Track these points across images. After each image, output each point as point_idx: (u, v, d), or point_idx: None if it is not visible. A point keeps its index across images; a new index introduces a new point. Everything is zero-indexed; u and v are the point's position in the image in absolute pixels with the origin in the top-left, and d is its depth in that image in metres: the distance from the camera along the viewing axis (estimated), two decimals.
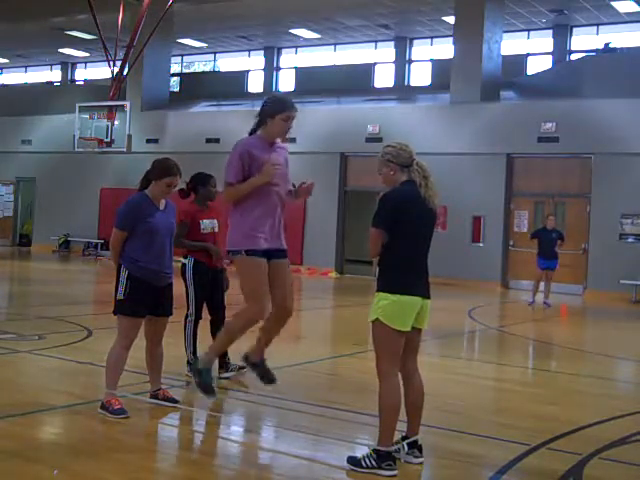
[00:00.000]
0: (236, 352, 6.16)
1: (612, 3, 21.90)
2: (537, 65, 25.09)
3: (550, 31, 25.29)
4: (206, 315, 6.86)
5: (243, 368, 6.69)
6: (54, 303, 12.22)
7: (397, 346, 4.54)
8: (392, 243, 4.57)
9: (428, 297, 4.66)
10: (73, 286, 15.81)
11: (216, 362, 6.41)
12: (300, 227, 21.62)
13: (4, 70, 37.36)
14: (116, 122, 21.84)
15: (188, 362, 6.64)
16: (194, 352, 6.67)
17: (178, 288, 6.14)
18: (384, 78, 28.14)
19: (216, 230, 6.86)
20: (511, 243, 19.04)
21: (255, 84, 30.73)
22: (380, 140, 19.39)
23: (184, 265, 6.73)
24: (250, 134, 5.44)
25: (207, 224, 6.81)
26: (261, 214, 5.23)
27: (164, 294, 5.58)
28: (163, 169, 5.52)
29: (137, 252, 5.44)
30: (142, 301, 5.45)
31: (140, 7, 21.27)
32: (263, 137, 5.34)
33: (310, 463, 4.73)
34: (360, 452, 4.63)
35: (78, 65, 35.68)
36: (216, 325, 6.65)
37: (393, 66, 28.04)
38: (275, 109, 5.30)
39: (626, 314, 15.36)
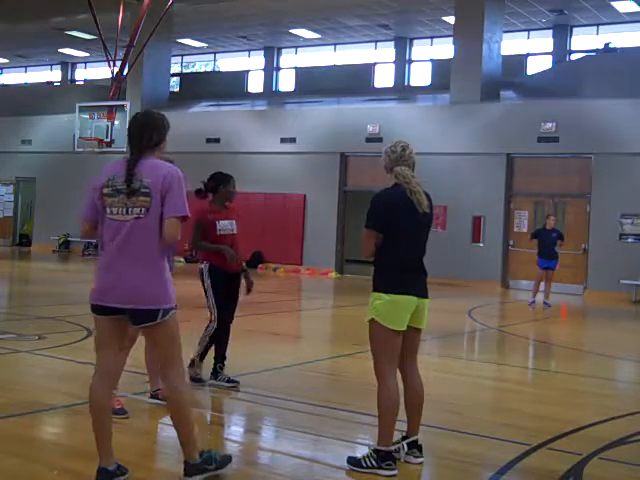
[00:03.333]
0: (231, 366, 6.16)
1: (612, 3, 21.91)
2: (537, 65, 25.09)
3: (550, 31, 25.30)
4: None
5: (233, 382, 6.50)
6: (54, 303, 12.21)
7: (393, 345, 4.55)
8: (385, 243, 4.59)
9: (425, 297, 4.66)
10: (73, 286, 15.78)
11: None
12: (300, 227, 21.63)
13: (4, 70, 37.37)
14: (116, 122, 21.80)
15: (192, 361, 6.51)
16: (201, 357, 6.57)
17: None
18: (384, 78, 28.14)
19: (235, 232, 6.60)
20: (511, 243, 19.04)
21: (255, 84, 30.73)
22: (380, 140, 19.40)
23: (201, 270, 6.50)
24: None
25: (225, 225, 6.52)
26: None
27: None
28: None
29: None
30: None
31: (140, 7, 21.25)
32: None
33: (310, 463, 4.73)
34: (360, 452, 4.63)
35: (78, 65, 35.69)
36: (221, 334, 6.52)
37: (393, 66, 28.05)
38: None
39: (626, 314, 15.36)
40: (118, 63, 21.79)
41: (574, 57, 24.50)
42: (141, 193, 4.02)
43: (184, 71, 33.66)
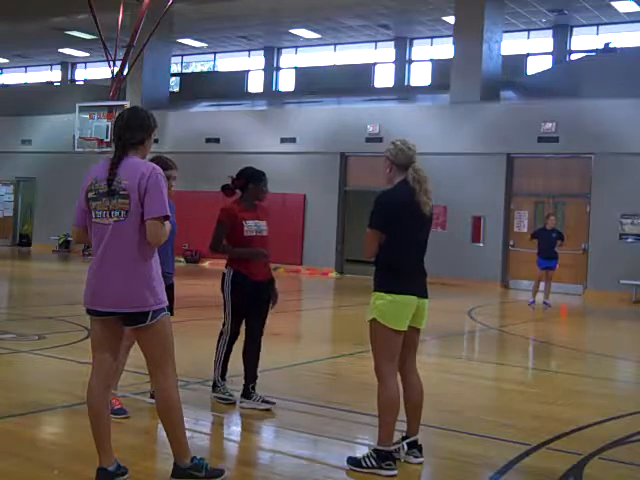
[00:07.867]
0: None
1: (612, 3, 21.92)
2: (537, 65, 25.11)
3: (550, 31, 25.32)
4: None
5: (268, 403, 5.99)
6: (54, 303, 12.22)
7: (394, 345, 4.54)
8: (387, 243, 4.58)
9: (425, 297, 4.66)
10: (73, 286, 15.76)
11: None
12: (300, 227, 21.62)
13: (4, 70, 37.38)
14: None
15: (214, 384, 6.02)
16: (222, 374, 6.01)
17: (177, 289, 6.12)
18: (384, 78, 28.16)
19: (264, 234, 6.02)
20: (511, 243, 19.04)
21: (255, 84, 30.75)
22: (380, 140, 19.41)
23: (223, 275, 5.99)
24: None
25: (252, 225, 5.96)
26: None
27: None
28: (165, 164, 5.46)
29: None
30: None
31: (140, 7, 21.25)
32: None
33: (310, 463, 4.73)
34: (360, 452, 4.63)
35: (78, 65, 35.70)
36: (248, 349, 6.05)
37: (393, 66, 28.07)
38: None
39: (626, 314, 15.36)
40: (118, 63, 21.80)
41: (574, 57, 24.50)
42: (120, 195, 3.93)
43: (184, 71, 33.67)
